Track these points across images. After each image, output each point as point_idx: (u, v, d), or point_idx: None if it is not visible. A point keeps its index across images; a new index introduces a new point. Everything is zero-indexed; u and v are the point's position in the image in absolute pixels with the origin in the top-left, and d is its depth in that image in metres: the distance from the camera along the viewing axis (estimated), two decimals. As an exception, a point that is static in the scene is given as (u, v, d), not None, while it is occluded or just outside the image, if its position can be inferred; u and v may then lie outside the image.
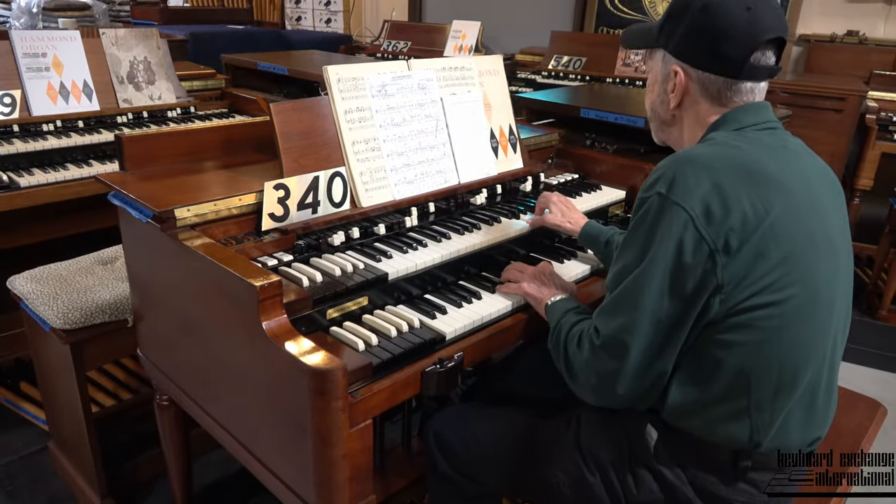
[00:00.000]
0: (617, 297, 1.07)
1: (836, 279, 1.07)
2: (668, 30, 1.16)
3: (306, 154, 1.44)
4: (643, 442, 1.14)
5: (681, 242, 0.99)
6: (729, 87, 1.12)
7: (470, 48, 4.34)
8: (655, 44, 1.20)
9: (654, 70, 1.22)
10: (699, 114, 1.16)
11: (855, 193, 3.47)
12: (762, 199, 1.00)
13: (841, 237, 1.10)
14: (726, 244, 0.98)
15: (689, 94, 1.16)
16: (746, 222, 0.98)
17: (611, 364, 1.05)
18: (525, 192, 1.83)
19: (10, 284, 1.80)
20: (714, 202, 0.99)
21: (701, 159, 1.04)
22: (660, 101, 1.22)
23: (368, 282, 1.30)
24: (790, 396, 1.05)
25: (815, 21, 4.08)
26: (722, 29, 1.07)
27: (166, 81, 2.62)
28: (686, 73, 1.14)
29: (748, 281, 0.99)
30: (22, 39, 2.25)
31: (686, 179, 1.01)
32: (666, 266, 1.00)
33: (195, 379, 1.42)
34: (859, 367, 2.91)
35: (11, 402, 2.31)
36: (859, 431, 1.51)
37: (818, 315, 1.04)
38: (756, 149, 1.07)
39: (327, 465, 1.08)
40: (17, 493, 2.00)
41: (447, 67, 1.70)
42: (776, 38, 1.09)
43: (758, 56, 1.09)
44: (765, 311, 1.00)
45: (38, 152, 2.16)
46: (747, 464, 1.08)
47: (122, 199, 1.39)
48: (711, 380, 1.05)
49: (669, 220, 1.00)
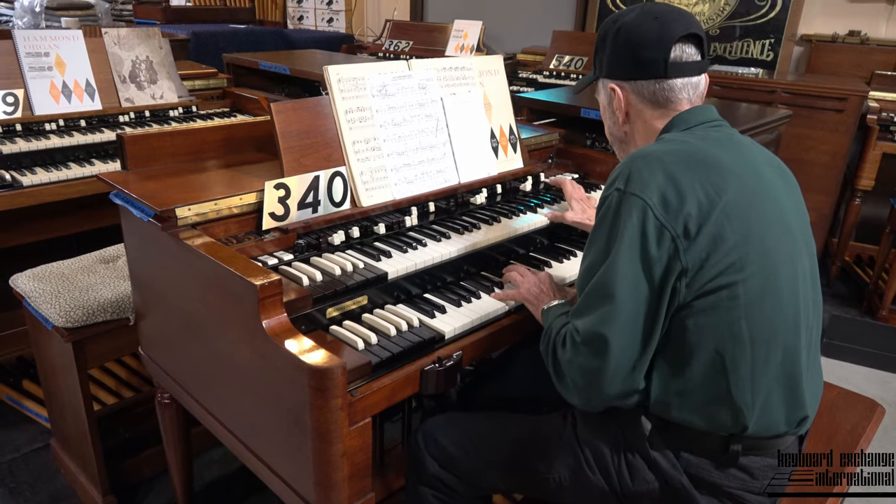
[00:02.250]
0: (589, 294, 1.09)
1: (795, 257, 1.12)
2: (598, 60, 1.29)
3: (307, 153, 1.45)
4: (638, 431, 1.15)
5: (644, 231, 1.04)
6: (662, 88, 1.20)
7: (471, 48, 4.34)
8: (594, 78, 1.33)
9: (600, 99, 1.32)
10: (646, 122, 1.24)
11: (856, 194, 3.47)
12: (714, 184, 1.06)
13: (796, 220, 1.15)
14: (685, 229, 1.03)
15: (631, 105, 1.24)
16: (701, 207, 1.04)
17: (594, 361, 1.06)
18: (525, 191, 1.84)
19: (13, 283, 1.81)
20: (669, 191, 1.04)
21: (653, 154, 1.11)
22: (612, 122, 1.30)
23: (368, 281, 1.30)
24: (766, 374, 1.08)
25: (817, 21, 4.08)
26: (637, 40, 1.19)
27: (168, 81, 2.63)
28: (621, 87, 1.24)
29: (710, 263, 1.03)
30: (25, 39, 2.26)
31: (640, 173, 1.07)
32: (633, 255, 1.04)
33: (196, 377, 1.43)
34: (859, 367, 2.91)
35: (14, 400, 2.32)
36: (858, 431, 1.51)
37: (781, 291, 1.08)
38: (704, 142, 1.14)
39: (326, 462, 1.08)
40: (19, 490, 2.01)
41: (448, 67, 1.70)
42: (690, 34, 1.18)
43: (677, 54, 1.17)
44: (729, 291, 1.04)
45: (41, 151, 2.17)
46: (737, 448, 1.10)
47: (124, 198, 1.40)
48: (688, 366, 1.08)
49: (629, 210, 1.05)
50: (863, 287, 3.57)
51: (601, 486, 1.19)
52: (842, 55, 3.95)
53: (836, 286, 3.68)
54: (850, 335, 3.10)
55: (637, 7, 1.22)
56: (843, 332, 3.13)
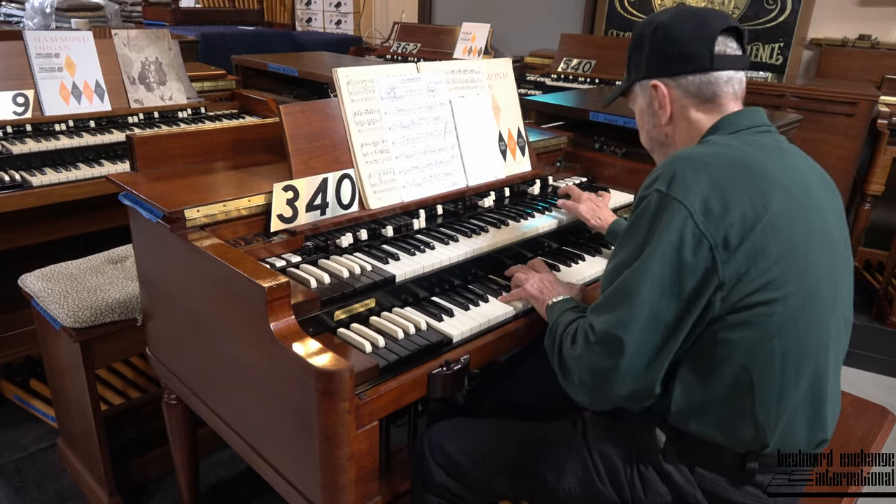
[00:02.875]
0: (613, 293, 1.06)
1: (835, 276, 1.08)
2: (634, 63, 1.23)
3: (315, 156, 1.45)
4: (652, 442, 1.13)
5: (681, 239, 0.99)
6: (708, 81, 1.15)
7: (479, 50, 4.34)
8: (629, 81, 1.26)
9: (637, 107, 1.27)
10: (691, 121, 1.19)
11: (866, 199, 3.44)
12: (760, 195, 1.01)
13: (839, 235, 1.11)
14: (726, 240, 0.98)
15: (675, 102, 1.19)
16: (745, 218, 0.99)
17: (607, 361, 1.03)
18: (533, 194, 1.83)
19: (22, 282, 1.82)
20: (713, 199, 0.99)
21: (699, 157, 1.05)
22: (652, 125, 1.25)
23: (376, 283, 1.30)
24: (794, 394, 1.05)
25: (827, 25, 4.06)
26: (678, 36, 1.15)
27: (177, 82, 2.64)
28: (665, 84, 1.19)
29: (749, 277, 0.99)
30: (35, 40, 2.27)
31: (684, 176, 1.02)
32: (665, 262, 1.00)
33: (203, 378, 1.43)
34: (868, 373, 2.89)
35: (21, 399, 2.33)
36: (868, 438, 1.50)
37: (819, 311, 1.05)
38: (752, 149, 1.08)
39: (333, 465, 1.08)
40: (26, 490, 2.02)
41: (456, 70, 1.70)
42: (730, 27, 1.15)
43: (721, 47, 1.14)
44: (766, 308, 1.00)
45: (51, 152, 2.18)
46: (754, 465, 1.07)
47: (133, 200, 1.40)
48: (715, 379, 1.04)
49: (669, 216, 1.00)
50: (872, 293, 3.54)
51: (612, 497, 1.17)
52: (852, 59, 3.93)
53: (845, 292, 3.66)
54: (859, 341, 3.06)
55: (669, 8, 1.19)
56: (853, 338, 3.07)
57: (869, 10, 3.92)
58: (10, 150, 2.10)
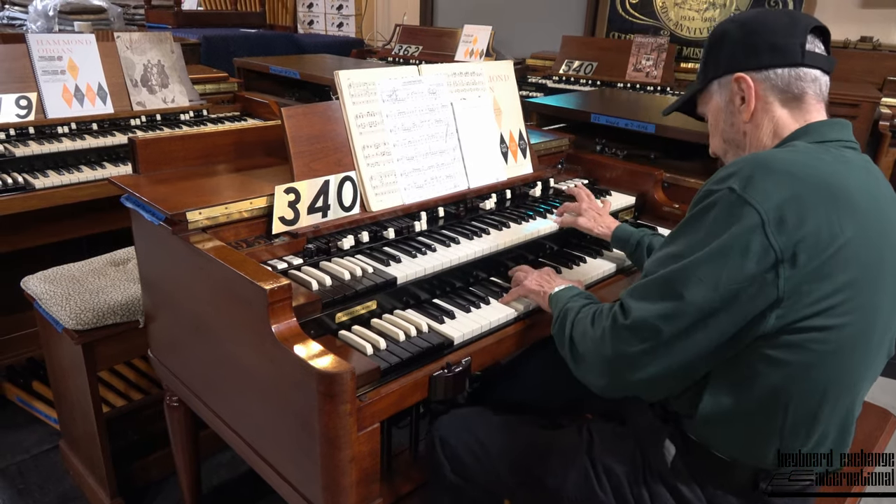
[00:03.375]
0: (660, 282, 0.99)
1: (893, 312, 1.02)
2: (712, 62, 1.15)
3: (317, 158, 1.45)
4: (660, 456, 1.11)
5: (747, 245, 0.92)
6: (798, 76, 1.08)
7: (481, 52, 4.35)
8: (705, 81, 1.18)
9: (713, 107, 1.18)
10: (774, 119, 1.10)
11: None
12: (839, 217, 0.94)
13: None
14: (794, 256, 0.92)
15: (759, 97, 1.10)
16: (819, 238, 0.92)
17: (635, 346, 0.99)
18: (534, 197, 1.83)
19: (24, 285, 1.82)
20: (789, 210, 0.92)
21: (784, 164, 0.97)
22: (729, 124, 1.16)
23: (377, 286, 1.30)
24: (826, 422, 1.01)
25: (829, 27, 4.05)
26: (768, 28, 1.09)
27: (179, 85, 2.65)
28: (751, 77, 1.10)
29: (809, 300, 0.93)
30: (38, 42, 2.28)
31: (765, 180, 0.94)
32: (724, 265, 0.93)
33: (204, 380, 1.43)
34: (871, 375, 2.88)
35: (24, 401, 2.34)
36: (870, 441, 1.50)
37: (872, 345, 1.00)
38: (839, 165, 1.01)
39: (335, 468, 1.08)
40: (28, 492, 2.02)
41: (457, 73, 1.71)
42: (819, 26, 1.09)
43: (811, 46, 1.08)
44: (821, 335, 0.94)
45: (53, 154, 2.19)
46: (766, 487, 1.04)
47: (135, 202, 1.40)
48: (749, 393, 1.00)
49: (739, 217, 0.93)
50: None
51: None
52: (854, 61, 3.93)
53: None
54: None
55: (748, 10, 1.14)
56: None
57: (870, 11, 3.92)
58: (13, 152, 2.11)
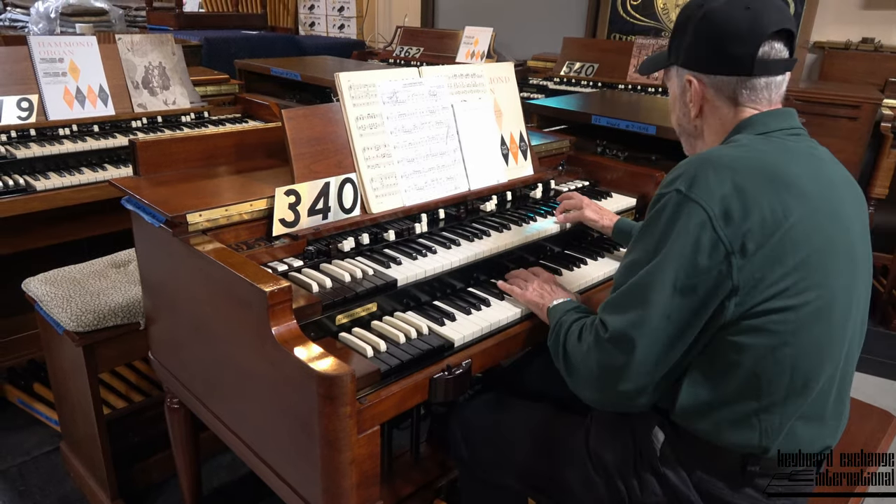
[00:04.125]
0: (627, 292, 1.06)
1: (853, 287, 1.06)
2: (675, 45, 1.19)
3: (317, 160, 1.45)
4: (649, 444, 1.14)
5: (697, 241, 0.98)
6: (743, 85, 1.11)
7: (482, 54, 4.35)
8: (667, 62, 1.22)
9: (672, 87, 1.24)
10: (722, 119, 1.16)
11: (869, 202, 3.43)
12: (782, 203, 0.99)
13: (862, 247, 1.09)
14: (743, 246, 0.97)
15: (706, 100, 1.16)
16: (765, 225, 0.97)
17: (618, 359, 1.04)
18: (535, 198, 1.83)
19: (25, 287, 1.82)
20: (733, 203, 0.98)
21: (724, 160, 1.03)
22: (682, 114, 1.22)
23: (378, 288, 1.30)
24: (801, 402, 1.05)
25: (830, 28, 4.06)
26: (725, 30, 1.09)
27: (181, 86, 2.65)
28: (699, 80, 1.15)
29: (764, 284, 0.98)
30: (39, 45, 2.28)
31: (707, 179, 1.00)
32: (680, 264, 0.99)
33: (205, 382, 1.43)
34: (872, 377, 2.88)
35: (25, 403, 2.34)
36: (871, 442, 1.50)
37: (834, 322, 1.03)
38: (781, 153, 1.06)
39: (335, 470, 1.08)
40: (29, 494, 2.02)
41: (458, 74, 1.70)
42: (782, 29, 1.09)
43: (766, 50, 1.09)
44: (780, 316, 0.99)
45: (54, 156, 2.19)
46: (755, 469, 1.07)
47: (136, 204, 1.40)
48: (723, 382, 1.04)
49: (687, 217, 0.99)
50: (876, 297, 3.53)
51: (610, 497, 1.18)
52: (855, 62, 3.92)
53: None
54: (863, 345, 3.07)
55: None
56: (857, 341, 3.09)
57: (872, 13, 3.91)
58: (15, 154, 2.11)
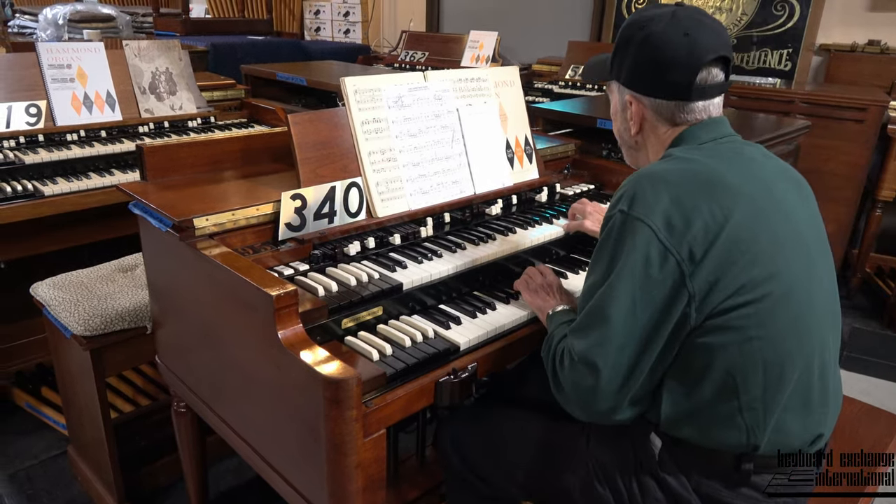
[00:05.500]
0: (587, 315, 1.09)
1: (811, 274, 1.09)
2: (617, 62, 1.22)
3: (323, 164, 1.46)
4: (648, 451, 1.14)
5: (646, 256, 1.02)
6: (681, 109, 1.16)
7: (487, 58, 4.35)
8: (609, 76, 1.26)
9: (613, 99, 1.28)
10: (659, 136, 1.21)
11: (876, 204, 3.42)
12: (721, 205, 1.03)
13: (811, 234, 1.12)
14: (691, 253, 1.01)
15: (645, 119, 1.21)
16: (708, 230, 1.01)
17: (588, 380, 1.06)
18: (541, 202, 1.83)
19: (33, 291, 1.84)
20: (674, 214, 1.02)
21: (658, 174, 1.08)
22: (623, 128, 1.27)
23: (383, 291, 1.31)
24: (780, 394, 1.06)
25: (836, 31, 4.04)
26: (664, 58, 1.13)
27: (187, 92, 2.66)
28: (639, 101, 1.20)
29: (719, 286, 1.01)
30: (48, 51, 2.30)
31: (645, 195, 1.05)
32: (634, 280, 1.02)
33: (211, 386, 1.43)
34: (881, 380, 2.86)
35: (33, 407, 2.35)
36: (879, 447, 1.49)
37: (797, 310, 1.06)
38: (711, 160, 1.10)
39: (340, 474, 1.08)
40: (37, 497, 2.03)
41: (463, 79, 1.71)
42: (718, 56, 1.13)
43: (703, 76, 1.13)
44: (741, 311, 1.02)
45: (62, 161, 2.20)
46: (749, 467, 1.08)
47: (143, 208, 1.41)
48: (699, 386, 1.06)
49: (633, 235, 1.03)
50: (884, 299, 3.51)
51: (611, 501, 1.19)
52: (861, 65, 3.91)
53: (857, 298, 3.63)
54: (871, 348, 3.05)
55: (667, 13, 1.14)
56: (865, 345, 3.08)
57: (878, 15, 3.90)
58: (23, 159, 2.13)
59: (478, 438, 1.38)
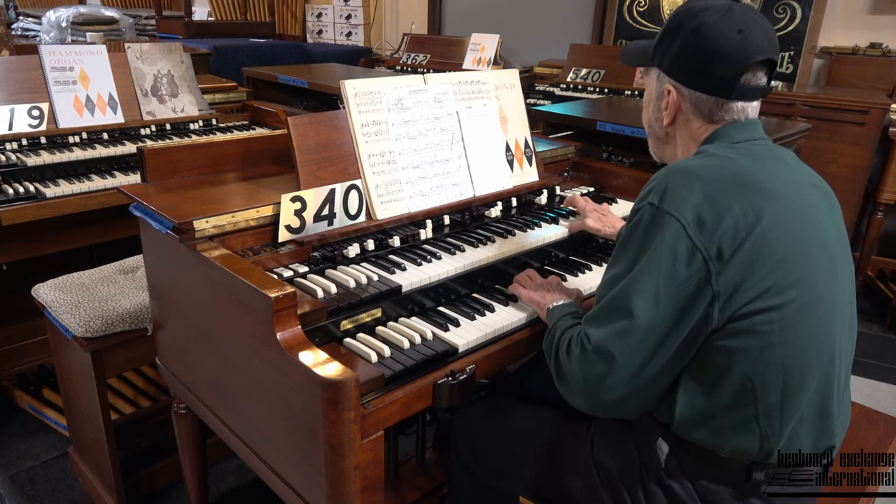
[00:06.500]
0: (608, 304, 1.07)
1: (835, 283, 1.07)
2: (662, 49, 1.19)
3: (323, 167, 1.46)
4: (654, 456, 1.13)
5: (674, 252, 1.00)
6: (720, 107, 1.14)
7: (489, 61, 4.36)
8: (650, 62, 1.23)
9: (649, 87, 1.25)
10: (692, 131, 1.19)
11: (878, 207, 3.41)
12: (753, 206, 1.01)
13: (837, 243, 1.11)
14: (719, 252, 0.99)
15: (681, 112, 1.19)
16: (738, 229, 0.99)
17: (600, 369, 1.05)
18: (540, 204, 1.84)
19: (35, 293, 1.84)
20: (705, 211, 1.00)
21: (692, 170, 1.06)
22: (654, 118, 1.25)
23: (382, 293, 1.31)
24: (798, 403, 1.04)
25: (837, 33, 4.04)
26: (713, 50, 1.10)
27: (189, 94, 2.67)
28: (679, 91, 1.17)
29: (745, 287, 0.99)
30: (50, 54, 2.31)
31: (678, 189, 1.03)
32: (659, 274, 1.01)
33: (211, 388, 1.44)
34: (883, 384, 2.86)
35: (34, 408, 2.36)
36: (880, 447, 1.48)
37: (820, 318, 1.04)
38: (746, 159, 1.09)
39: (339, 475, 1.08)
40: (38, 498, 2.03)
41: (463, 81, 1.71)
42: (766, 59, 1.11)
43: (748, 77, 1.11)
44: (765, 316, 1.00)
45: (64, 163, 2.21)
46: (760, 477, 1.07)
47: (143, 211, 1.42)
48: (717, 389, 1.04)
49: (662, 229, 1.02)
50: (886, 302, 3.50)
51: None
52: (863, 67, 3.91)
53: (859, 302, 3.60)
54: (873, 352, 3.05)
55: (722, 6, 1.12)
56: (866, 348, 3.07)
57: (880, 18, 3.90)
58: (25, 162, 2.14)
59: (490, 431, 1.38)
